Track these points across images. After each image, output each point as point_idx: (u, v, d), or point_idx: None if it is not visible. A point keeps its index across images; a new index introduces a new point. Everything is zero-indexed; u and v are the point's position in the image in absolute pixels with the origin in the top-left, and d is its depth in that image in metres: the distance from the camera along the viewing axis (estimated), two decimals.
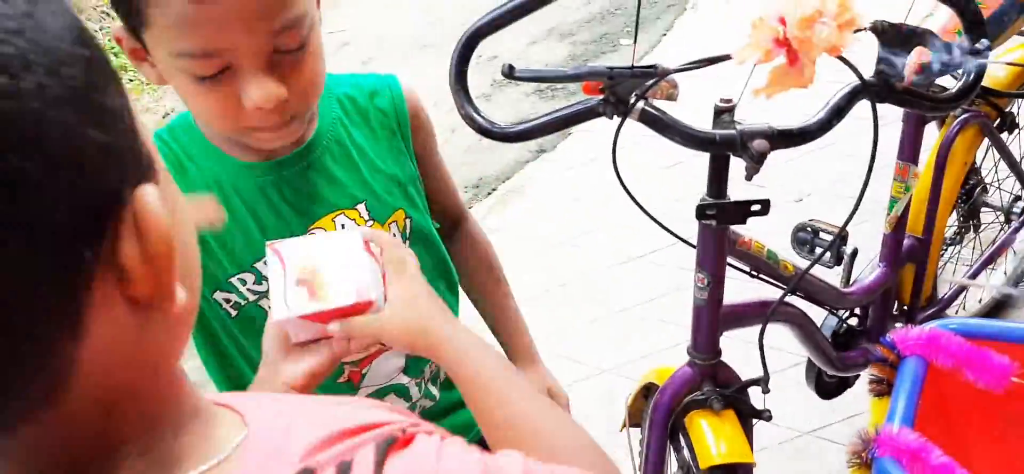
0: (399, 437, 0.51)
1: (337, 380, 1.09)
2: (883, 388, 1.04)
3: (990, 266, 2.18)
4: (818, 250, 1.60)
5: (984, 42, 1.25)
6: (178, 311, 0.45)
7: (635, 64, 1.13)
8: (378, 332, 0.84)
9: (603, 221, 3.04)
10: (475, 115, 1.22)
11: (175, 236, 0.44)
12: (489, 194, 3.53)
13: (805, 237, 1.71)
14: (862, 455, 0.93)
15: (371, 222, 1.07)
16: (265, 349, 0.87)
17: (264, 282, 1.03)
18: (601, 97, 1.18)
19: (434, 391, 1.17)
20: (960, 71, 1.29)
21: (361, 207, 1.06)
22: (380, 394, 1.11)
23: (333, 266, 0.85)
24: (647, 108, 1.19)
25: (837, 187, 2.91)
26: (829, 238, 1.60)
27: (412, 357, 1.14)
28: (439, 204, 1.20)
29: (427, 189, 1.17)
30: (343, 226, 1.05)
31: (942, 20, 1.48)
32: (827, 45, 1.05)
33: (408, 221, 1.11)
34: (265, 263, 1.02)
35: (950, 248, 2.16)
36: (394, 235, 1.09)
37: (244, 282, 1.03)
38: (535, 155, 3.71)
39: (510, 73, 1.14)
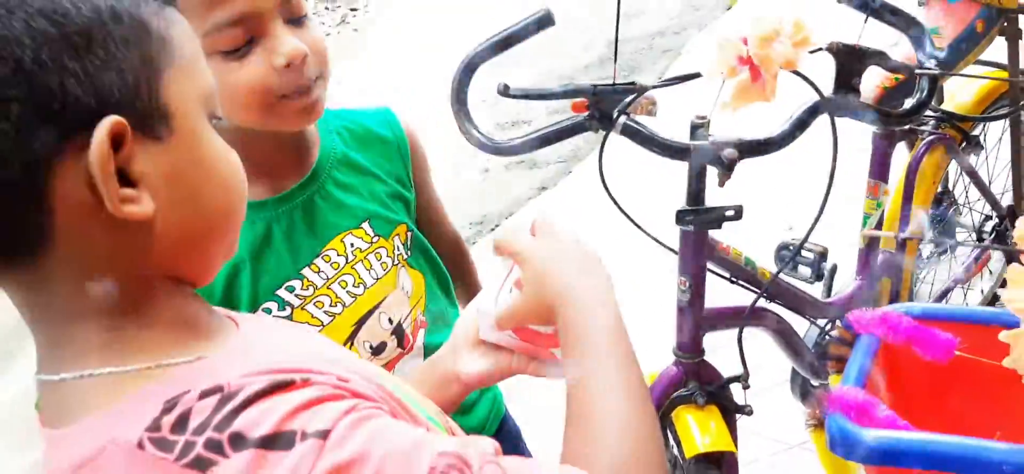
0: (292, 382, 0.58)
1: None
2: (841, 365, 1.16)
3: (964, 284, 2.30)
4: (801, 267, 1.73)
5: (932, 62, 1.39)
6: (140, 219, 0.59)
7: (616, 82, 1.27)
8: (517, 319, 0.86)
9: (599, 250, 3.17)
10: (474, 131, 1.36)
11: (171, 163, 0.61)
12: (492, 230, 3.67)
13: (787, 255, 1.84)
14: (817, 415, 1.05)
15: (376, 237, 1.15)
16: (454, 331, 0.94)
17: (287, 308, 1.10)
18: (587, 114, 1.32)
19: None
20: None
21: (366, 225, 1.14)
22: None
23: None
24: (629, 122, 1.33)
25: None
26: (811, 255, 1.73)
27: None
28: (435, 235, 1.27)
29: (425, 219, 1.25)
30: (352, 245, 1.13)
31: (906, 49, 1.62)
32: (784, 61, 1.19)
33: (410, 234, 1.19)
34: (288, 289, 1.10)
35: (926, 267, 2.28)
36: (396, 248, 1.17)
37: (269, 311, 1.09)
38: (537, 192, 3.86)
39: (505, 91, 1.28)
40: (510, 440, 1.39)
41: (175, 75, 0.62)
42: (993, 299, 2.47)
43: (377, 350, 1.15)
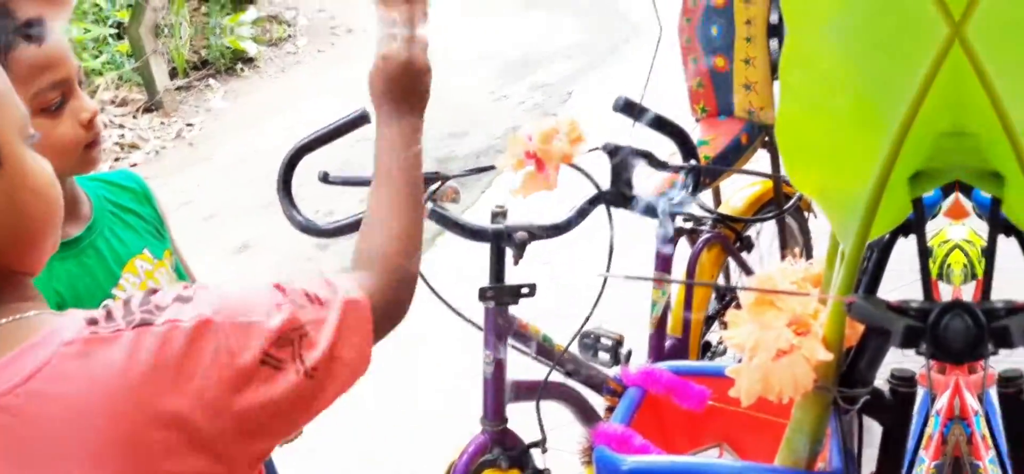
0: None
1: None
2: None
3: None
4: (601, 353, 1.93)
5: (693, 162, 1.65)
6: None
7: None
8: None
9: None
10: (296, 216, 1.50)
11: None
12: None
13: (588, 343, 2.04)
14: (587, 452, 1.22)
15: (156, 259, 1.37)
16: None
17: None
18: None
19: None
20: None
21: (146, 250, 1.36)
22: None
23: None
24: (435, 208, 1.51)
25: (619, 289, 3.32)
26: (609, 342, 1.93)
27: None
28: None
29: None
30: (141, 267, 1.34)
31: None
32: (562, 155, 1.40)
33: (173, 257, 1.41)
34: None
35: (715, 355, 2.55)
36: (171, 268, 1.39)
37: None
38: None
39: (325, 178, 1.44)
40: None
41: None
42: None
43: None
